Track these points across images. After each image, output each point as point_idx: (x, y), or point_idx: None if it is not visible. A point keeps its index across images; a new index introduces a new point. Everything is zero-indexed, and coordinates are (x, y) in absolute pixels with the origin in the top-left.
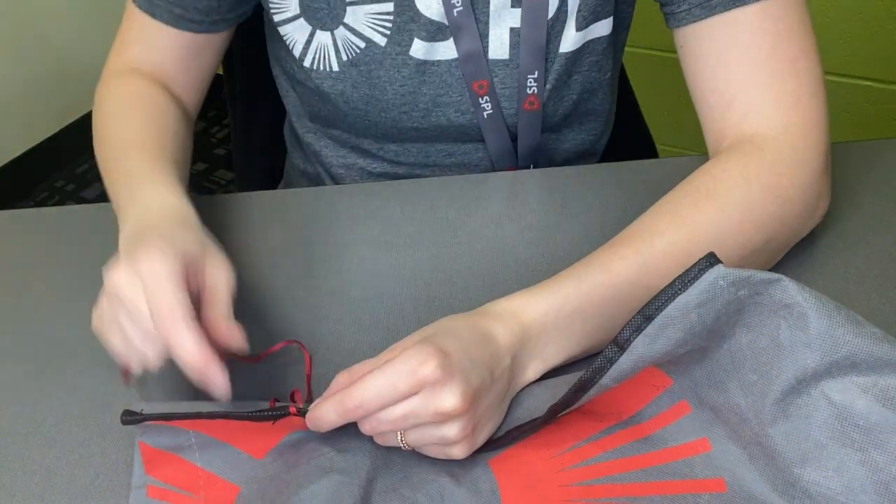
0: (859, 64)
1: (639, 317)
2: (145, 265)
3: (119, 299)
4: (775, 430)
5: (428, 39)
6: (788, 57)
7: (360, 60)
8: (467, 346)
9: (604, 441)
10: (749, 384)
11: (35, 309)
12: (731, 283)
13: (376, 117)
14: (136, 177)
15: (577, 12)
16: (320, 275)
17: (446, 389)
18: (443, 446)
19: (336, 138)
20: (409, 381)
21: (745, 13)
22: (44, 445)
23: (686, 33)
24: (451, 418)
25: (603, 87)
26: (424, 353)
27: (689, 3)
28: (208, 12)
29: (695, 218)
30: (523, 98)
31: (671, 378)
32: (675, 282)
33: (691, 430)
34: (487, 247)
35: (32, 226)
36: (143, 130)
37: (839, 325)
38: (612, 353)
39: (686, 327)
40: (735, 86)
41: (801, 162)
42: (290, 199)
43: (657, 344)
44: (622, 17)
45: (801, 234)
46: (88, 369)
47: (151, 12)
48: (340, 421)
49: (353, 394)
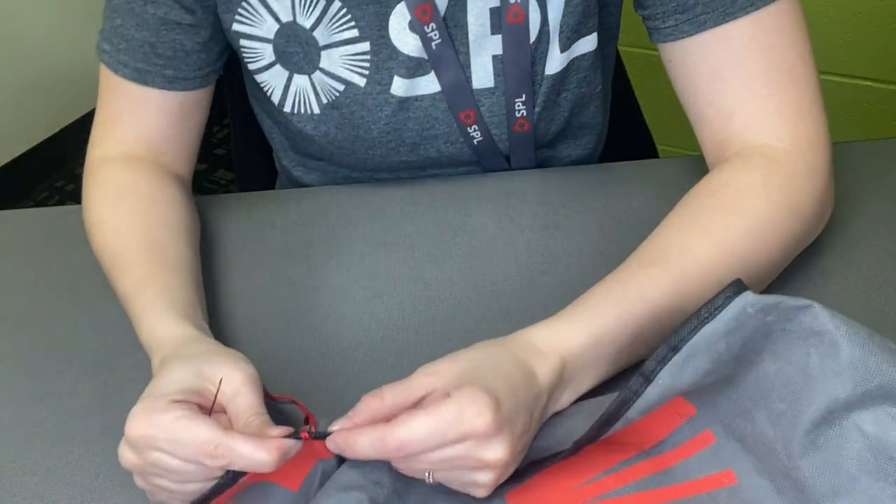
0: (859, 64)
1: (664, 347)
2: (151, 429)
3: (145, 463)
4: (805, 462)
5: (408, 76)
6: (785, 67)
7: (341, 103)
8: (516, 390)
9: (624, 473)
10: (777, 414)
11: (35, 309)
12: (759, 309)
13: (363, 154)
14: (134, 311)
15: (559, 34)
16: (320, 275)
17: (495, 442)
18: (467, 483)
19: (324, 169)
20: (460, 431)
21: (736, 27)
22: (44, 445)
23: (675, 48)
24: (490, 468)
25: (594, 100)
26: (480, 402)
27: (676, 20)
28: (200, 66)
29: (726, 236)
30: (512, 122)
31: (695, 407)
32: (701, 310)
33: (716, 462)
34: (487, 247)
35: (32, 226)
36: (131, 241)
37: (872, 353)
38: (637, 384)
39: (713, 357)
40: (732, 99)
41: (814, 173)
42: (290, 199)
43: (684, 374)
44: (608, 28)
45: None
46: (88, 369)
47: (143, 80)
48: (376, 456)
49: (397, 434)
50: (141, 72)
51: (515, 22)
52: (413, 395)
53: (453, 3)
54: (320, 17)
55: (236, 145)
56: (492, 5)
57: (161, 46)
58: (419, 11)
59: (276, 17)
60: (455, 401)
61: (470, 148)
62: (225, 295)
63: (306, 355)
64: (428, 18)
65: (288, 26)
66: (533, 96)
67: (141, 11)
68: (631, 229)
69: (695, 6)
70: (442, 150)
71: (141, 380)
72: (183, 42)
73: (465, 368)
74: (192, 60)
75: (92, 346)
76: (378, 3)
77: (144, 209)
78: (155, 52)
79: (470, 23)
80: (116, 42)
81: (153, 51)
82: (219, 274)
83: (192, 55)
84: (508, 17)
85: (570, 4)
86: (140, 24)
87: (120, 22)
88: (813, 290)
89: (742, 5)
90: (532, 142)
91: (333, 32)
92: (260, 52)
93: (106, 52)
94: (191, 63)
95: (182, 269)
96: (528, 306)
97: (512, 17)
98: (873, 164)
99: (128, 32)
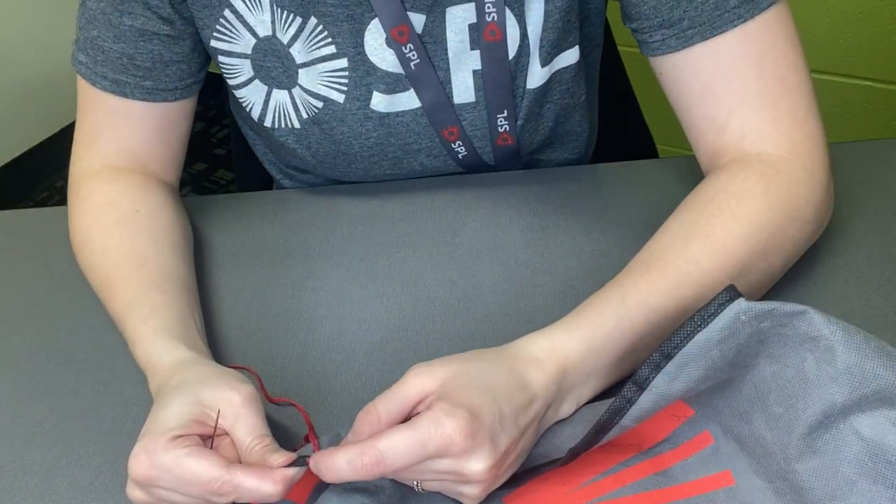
0: (859, 64)
1: (658, 354)
2: (152, 471)
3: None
4: (802, 465)
5: (388, 92)
6: (777, 77)
7: (321, 119)
8: (501, 404)
9: (622, 474)
10: (775, 417)
11: (35, 309)
12: (753, 317)
13: (346, 168)
14: (127, 334)
15: (539, 48)
16: (320, 275)
17: (475, 457)
18: (456, 494)
19: (311, 181)
20: (438, 444)
21: (725, 41)
22: (44, 445)
23: (664, 62)
24: (473, 482)
25: (578, 109)
26: (458, 416)
27: (663, 34)
28: (181, 77)
29: (725, 242)
30: (495, 136)
31: (693, 409)
32: (693, 317)
33: (713, 463)
34: (487, 247)
35: (32, 226)
36: (115, 259)
37: (868, 357)
38: (631, 392)
39: (707, 364)
40: (726, 112)
41: (813, 180)
42: (290, 199)
43: (678, 382)
44: (591, 39)
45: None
46: (88, 369)
47: (122, 92)
48: (355, 476)
49: (376, 447)
50: (120, 83)
51: (493, 40)
52: (407, 402)
53: (431, 19)
54: (297, 33)
55: (236, 145)
56: (470, 21)
57: (139, 58)
58: (396, 33)
59: (253, 32)
60: (432, 415)
61: (455, 161)
62: (225, 295)
63: (306, 355)
64: (405, 39)
65: (266, 41)
66: (515, 110)
67: (118, 23)
68: (631, 229)
69: (680, 21)
70: (426, 164)
71: (141, 380)
72: (162, 53)
73: (456, 373)
74: (172, 71)
75: (92, 346)
76: (352, 20)
77: (128, 223)
78: (133, 64)
79: (449, 38)
80: (94, 54)
81: (131, 62)
82: (218, 274)
83: (171, 66)
84: (486, 35)
85: (549, 20)
86: (117, 36)
87: (96, 33)
88: (813, 291)
89: (729, 18)
90: (517, 154)
91: (311, 49)
92: (238, 68)
93: (83, 64)
94: (171, 74)
95: (170, 284)
96: (528, 306)
97: (489, 35)
98: (873, 164)
99: (105, 44)
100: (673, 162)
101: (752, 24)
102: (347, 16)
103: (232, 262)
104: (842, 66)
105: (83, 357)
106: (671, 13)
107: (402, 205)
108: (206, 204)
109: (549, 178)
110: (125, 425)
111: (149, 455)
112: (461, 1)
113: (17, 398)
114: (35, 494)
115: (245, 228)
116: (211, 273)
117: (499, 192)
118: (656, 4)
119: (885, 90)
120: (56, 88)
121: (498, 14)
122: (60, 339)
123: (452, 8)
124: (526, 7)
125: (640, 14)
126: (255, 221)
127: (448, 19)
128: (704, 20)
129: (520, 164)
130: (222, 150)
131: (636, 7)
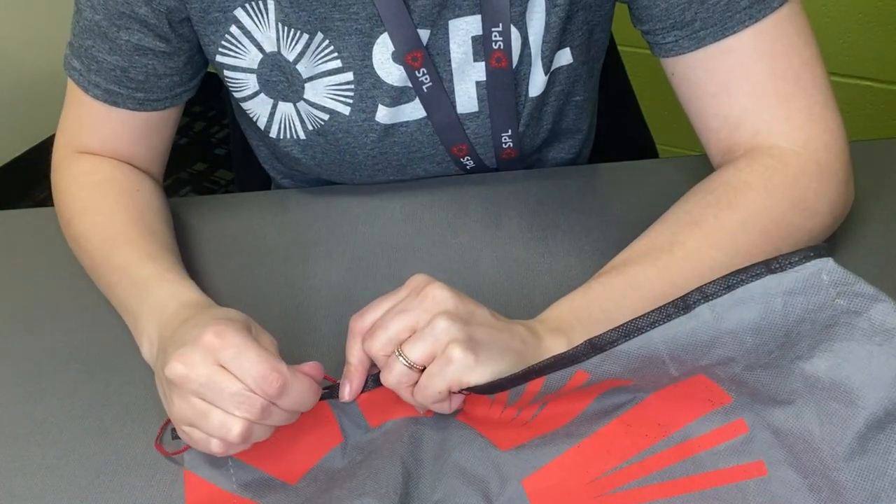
0: (859, 64)
1: (716, 284)
2: (221, 341)
3: (197, 382)
4: (850, 464)
5: (392, 104)
6: (791, 74)
7: (326, 130)
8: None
9: (648, 462)
10: (829, 413)
11: (35, 309)
12: (833, 281)
13: (350, 175)
14: (139, 279)
15: (541, 58)
16: (320, 275)
17: (435, 285)
18: (445, 364)
19: (312, 181)
20: (404, 290)
21: (738, 40)
22: (44, 445)
23: (677, 63)
24: (440, 314)
25: (574, 108)
26: (415, 276)
27: (676, 35)
28: (172, 87)
29: (715, 227)
30: (500, 151)
31: (731, 396)
32: (773, 259)
33: (746, 452)
34: (487, 247)
35: (32, 226)
36: (124, 221)
37: None
38: (672, 308)
39: (765, 312)
40: (739, 111)
41: (827, 174)
42: (289, 199)
43: (726, 320)
44: (600, 44)
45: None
46: (88, 369)
47: (113, 102)
48: (356, 344)
49: (361, 312)
50: (112, 94)
51: (499, 66)
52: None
53: (434, 32)
54: (303, 50)
55: (236, 145)
56: (474, 34)
57: (133, 71)
58: (410, 58)
59: (259, 47)
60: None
61: (462, 171)
62: (224, 295)
63: (306, 355)
64: (419, 64)
65: (271, 56)
66: (518, 126)
67: (114, 37)
68: (631, 229)
69: (692, 22)
70: (429, 170)
71: (141, 380)
72: (156, 67)
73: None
74: (165, 84)
75: (92, 346)
76: (361, 34)
77: (132, 196)
78: (127, 77)
79: (452, 50)
80: (88, 63)
81: (125, 75)
82: (218, 274)
83: (164, 79)
84: (492, 61)
85: (549, 33)
86: (113, 49)
87: (91, 44)
88: None
89: (741, 19)
90: (520, 161)
91: (317, 64)
92: (244, 83)
93: (76, 70)
94: (162, 86)
95: (177, 256)
96: (528, 306)
97: (496, 62)
98: (873, 164)
99: (99, 55)
100: (673, 162)
101: (765, 23)
102: (356, 30)
103: (232, 262)
104: (842, 66)
105: (83, 357)
106: (682, 15)
107: (402, 205)
108: (206, 204)
109: (549, 178)
110: (125, 425)
111: (218, 334)
112: (465, 13)
113: (17, 398)
114: (35, 494)
115: (245, 228)
116: (211, 273)
117: (499, 192)
118: (667, 7)
119: (885, 90)
120: (56, 88)
121: (504, 42)
122: (60, 339)
123: (456, 20)
124: (528, 18)
125: (652, 16)
126: (255, 221)
127: (451, 32)
128: (716, 21)
129: (520, 165)
130: (222, 150)
131: (647, 10)
